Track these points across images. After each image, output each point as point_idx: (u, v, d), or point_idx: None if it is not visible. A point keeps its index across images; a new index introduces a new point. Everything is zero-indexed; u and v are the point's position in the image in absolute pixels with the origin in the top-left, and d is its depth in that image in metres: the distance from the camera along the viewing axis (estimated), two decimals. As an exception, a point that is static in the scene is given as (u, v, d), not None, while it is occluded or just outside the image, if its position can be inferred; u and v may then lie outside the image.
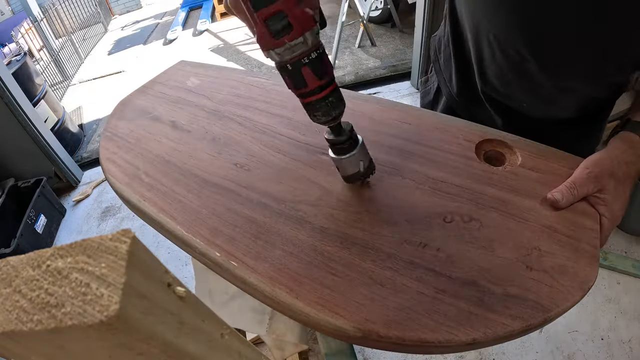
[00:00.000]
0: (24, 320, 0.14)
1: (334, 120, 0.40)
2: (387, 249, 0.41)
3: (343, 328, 0.35)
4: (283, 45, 0.34)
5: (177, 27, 4.46)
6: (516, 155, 0.50)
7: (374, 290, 0.37)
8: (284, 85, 0.39)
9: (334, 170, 0.50)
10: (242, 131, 0.59)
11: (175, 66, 0.82)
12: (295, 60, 0.35)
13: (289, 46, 0.34)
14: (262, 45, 0.35)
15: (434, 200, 0.45)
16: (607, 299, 1.21)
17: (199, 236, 0.45)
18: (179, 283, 0.17)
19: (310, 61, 0.36)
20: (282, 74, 0.37)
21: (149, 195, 0.51)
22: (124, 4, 6.20)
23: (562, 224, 0.41)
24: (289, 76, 0.37)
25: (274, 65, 0.37)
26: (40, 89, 2.22)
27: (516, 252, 0.39)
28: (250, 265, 0.41)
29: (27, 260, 0.15)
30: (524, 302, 0.35)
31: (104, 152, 0.61)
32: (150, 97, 0.72)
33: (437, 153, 0.51)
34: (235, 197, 0.49)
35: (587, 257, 0.38)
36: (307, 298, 0.37)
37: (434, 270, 0.38)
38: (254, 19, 0.33)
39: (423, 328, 0.34)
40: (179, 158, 0.56)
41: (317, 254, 0.41)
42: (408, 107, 0.60)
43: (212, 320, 0.20)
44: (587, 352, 1.09)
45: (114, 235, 0.15)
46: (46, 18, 4.13)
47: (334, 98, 0.39)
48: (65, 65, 3.84)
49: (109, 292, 0.13)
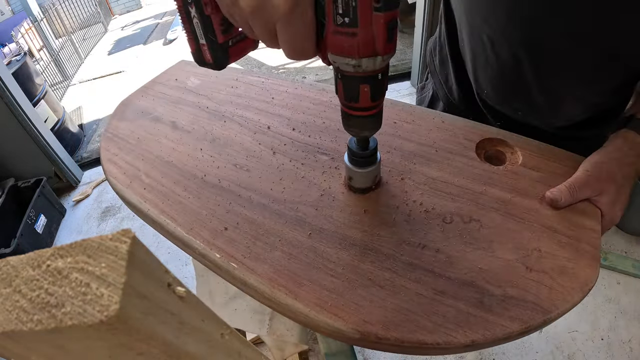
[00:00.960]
0: (24, 320, 0.14)
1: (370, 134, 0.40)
2: (386, 250, 0.41)
3: (342, 329, 0.35)
4: (391, 52, 0.32)
5: (177, 27, 4.46)
6: (517, 154, 0.50)
7: (373, 292, 0.37)
8: (284, 85, 0.39)
9: (334, 171, 0.50)
10: (242, 131, 0.59)
11: (175, 66, 0.82)
12: (385, 70, 0.34)
13: (392, 54, 0.32)
14: (367, 52, 0.31)
15: (434, 200, 0.45)
16: (607, 299, 1.21)
17: (199, 237, 0.45)
18: (179, 283, 0.17)
19: (387, 72, 0.34)
20: (364, 85, 0.34)
21: (149, 196, 0.51)
22: (124, 4, 6.20)
23: (562, 224, 0.41)
24: (373, 86, 0.34)
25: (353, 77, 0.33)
26: (40, 89, 2.22)
27: (516, 253, 0.39)
28: (250, 267, 0.41)
29: (27, 260, 0.15)
30: (523, 304, 0.35)
31: (105, 153, 0.61)
32: (150, 97, 0.72)
33: (437, 152, 0.51)
34: (235, 198, 0.49)
35: (588, 258, 0.38)
36: (306, 299, 0.37)
37: (433, 272, 0.38)
38: (377, 20, 0.29)
39: (422, 330, 0.34)
40: (179, 159, 0.56)
41: (316, 255, 0.41)
42: (408, 106, 0.60)
43: (212, 320, 0.20)
44: (587, 352, 1.09)
45: (114, 235, 0.15)
46: (46, 18, 4.13)
47: (381, 115, 0.38)
48: (65, 65, 3.84)
49: (109, 292, 0.13)
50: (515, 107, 0.57)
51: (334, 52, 0.32)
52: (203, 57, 0.37)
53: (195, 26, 0.35)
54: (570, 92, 0.50)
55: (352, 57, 0.31)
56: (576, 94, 0.51)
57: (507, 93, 0.56)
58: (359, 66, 0.32)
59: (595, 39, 0.43)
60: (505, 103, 0.58)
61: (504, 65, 0.52)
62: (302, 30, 0.30)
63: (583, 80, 0.48)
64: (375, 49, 0.31)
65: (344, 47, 0.31)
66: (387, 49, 0.31)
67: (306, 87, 0.67)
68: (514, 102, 0.56)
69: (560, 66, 0.48)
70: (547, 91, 0.51)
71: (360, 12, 0.28)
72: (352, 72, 0.33)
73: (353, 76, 0.33)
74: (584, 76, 0.48)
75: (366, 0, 0.28)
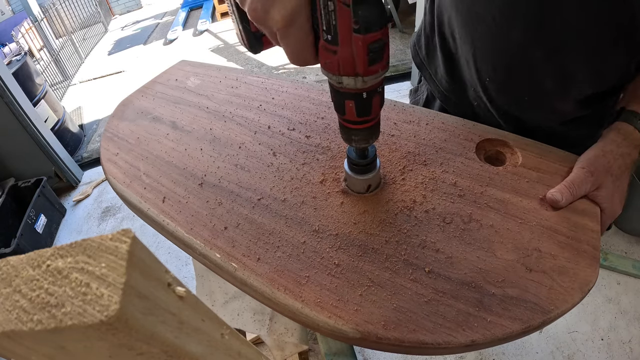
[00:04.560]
0: (24, 320, 0.14)
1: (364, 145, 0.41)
2: (386, 250, 0.41)
3: (342, 329, 0.35)
4: (375, 73, 0.32)
5: (177, 27, 4.46)
6: (517, 155, 0.50)
7: (373, 292, 0.37)
8: (284, 85, 0.39)
9: (334, 171, 0.50)
10: (242, 131, 0.59)
11: (175, 66, 0.82)
12: (372, 90, 0.34)
13: (378, 75, 0.32)
14: (348, 71, 0.31)
15: (434, 200, 0.45)
16: (607, 299, 1.21)
17: (199, 237, 0.45)
18: (179, 283, 0.17)
19: (381, 90, 0.35)
20: (348, 100, 0.34)
21: (149, 196, 0.51)
22: (124, 4, 6.20)
23: (562, 225, 0.41)
24: (358, 104, 0.34)
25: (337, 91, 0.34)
26: (41, 89, 2.22)
27: (516, 253, 0.39)
28: (250, 267, 0.41)
29: (27, 260, 0.15)
30: (523, 304, 0.35)
31: (105, 153, 0.61)
32: (150, 97, 0.72)
33: (437, 153, 0.51)
34: (235, 198, 0.49)
35: (588, 259, 0.38)
36: (307, 299, 0.37)
37: (433, 272, 0.38)
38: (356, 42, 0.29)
39: (422, 329, 0.34)
40: (180, 159, 0.56)
41: (316, 255, 0.41)
42: (408, 106, 0.60)
43: (212, 320, 0.20)
44: (587, 353, 1.09)
45: (114, 235, 0.15)
46: (46, 18, 4.13)
47: (378, 127, 0.39)
48: (65, 65, 3.84)
49: (109, 292, 0.13)
50: (519, 93, 0.54)
51: (321, 65, 0.33)
52: (243, 40, 0.39)
53: (233, 14, 0.37)
54: (582, 70, 0.48)
55: (333, 74, 0.32)
56: (587, 72, 0.48)
57: (514, 76, 0.53)
58: (340, 83, 0.33)
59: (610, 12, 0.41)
60: (509, 89, 0.55)
61: (513, 49, 0.49)
62: (299, 43, 0.32)
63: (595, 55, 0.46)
64: (355, 70, 0.31)
65: (327, 63, 0.32)
66: (368, 71, 0.31)
67: (306, 87, 0.67)
68: (519, 86, 0.53)
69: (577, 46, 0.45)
70: (558, 72, 0.49)
71: (340, 31, 0.29)
72: (337, 87, 0.34)
73: (338, 91, 0.34)
74: (600, 54, 0.46)
75: (344, 20, 0.28)
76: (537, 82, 0.51)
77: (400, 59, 2.85)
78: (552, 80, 0.50)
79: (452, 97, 0.65)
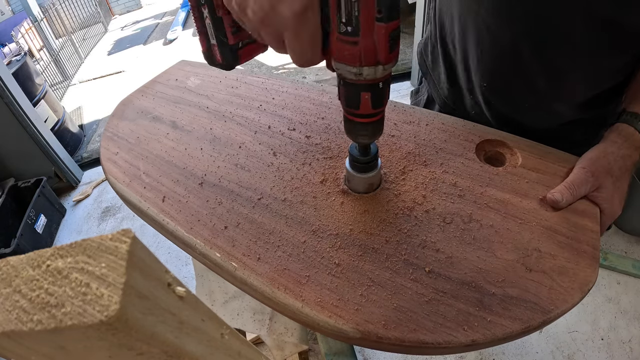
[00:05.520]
0: (24, 320, 0.14)
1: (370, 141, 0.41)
2: (387, 249, 0.41)
3: (342, 329, 0.35)
4: (394, 60, 0.32)
5: (177, 27, 4.46)
6: (516, 155, 0.50)
7: (373, 291, 0.37)
8: (284, 85, 0.39)
9: (334, 171, 0.50)
10: (243, 131, 0.59)
11: (175, 66, 0.82)
12: (387, 79, 0.34)
13: (395, 62, 0.32)
14: (369, 61, 0.31)
15: (434, 201, 0.45)
16: (607, 299, 1.21)
17: (199, 237, 0.45)
18: (179, 283, 0.17)
19: (389, 80, 0.34)
20: (365, 92, 0.34)
21: (149, 195, 0.51)
22: (124, 4, 6.20)
23: (562, 225, 0.41)
24: (374, 95, 0.34)
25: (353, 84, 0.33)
26: (41, 89, 2.22)
27: (516, 253, 0.39)
28: (251, 266, 0.41)
29: (27, 260, 0.15)
30: (523, 304, 0.35)
31: (105, 153, 0.61)
32: (150, 97, 0.72)
33: (437, 154, 0.51)
34: (235, 198, 0.49)
35: (587, 259, 0.38)
36: (307, 299, 0.37)
37: (433, 272, 0.38)
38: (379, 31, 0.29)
39: (422, 329, 0.34)
40: (180, 158, 0.56)
41: (316, 254, 0.41)
42: (409, 107, 0.60)
43: (212, 320, 0.20)
44: (587, 353, 1.09)
45: (114, 235, 0.15)
46: (46, 18, 4.13)
47: (383, 121, 0.39)
48: (65, 65, 3.84)
49: (109, 292, 0.13)
50: (516, 96, 0.54)
51: (337, 59, 0.32)
52: (213, 57, 0.38)
53: (207, 26, 0.36)
54: (574, 70, 0.48)
55: (353, 65, 0.31)
56: (579, 72, 0.49)
57: (509, 80, 0.53)
58: (360, 74, 0.32)
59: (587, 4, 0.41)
60: (505, 93, 0.55)
61: (504, 49, 0.50)
62: (308, 40, 0.30)
63: (587, 57, 0.46)
64: (377, 58, 0.31)
65: (346, 55, 0.31)
66: (389, 59, 0.31)
67: (306, 88, 0.67)
68: (515, 89, 0.54)
69: (565, 43, 0.46)
70: (550, 71, 0.49)
71: (363, 21, 0.29)
72: (354, 80, 0.33)
73: (354, 83, 0.34)
74: (589, 53, 0.46)
75: (368, 11, 0.28)
76: (531, 82, 0.51)
77: (400, 59, 2.84)
78: (544, 79, 0.50)
79: (451, 104, 0.66)
